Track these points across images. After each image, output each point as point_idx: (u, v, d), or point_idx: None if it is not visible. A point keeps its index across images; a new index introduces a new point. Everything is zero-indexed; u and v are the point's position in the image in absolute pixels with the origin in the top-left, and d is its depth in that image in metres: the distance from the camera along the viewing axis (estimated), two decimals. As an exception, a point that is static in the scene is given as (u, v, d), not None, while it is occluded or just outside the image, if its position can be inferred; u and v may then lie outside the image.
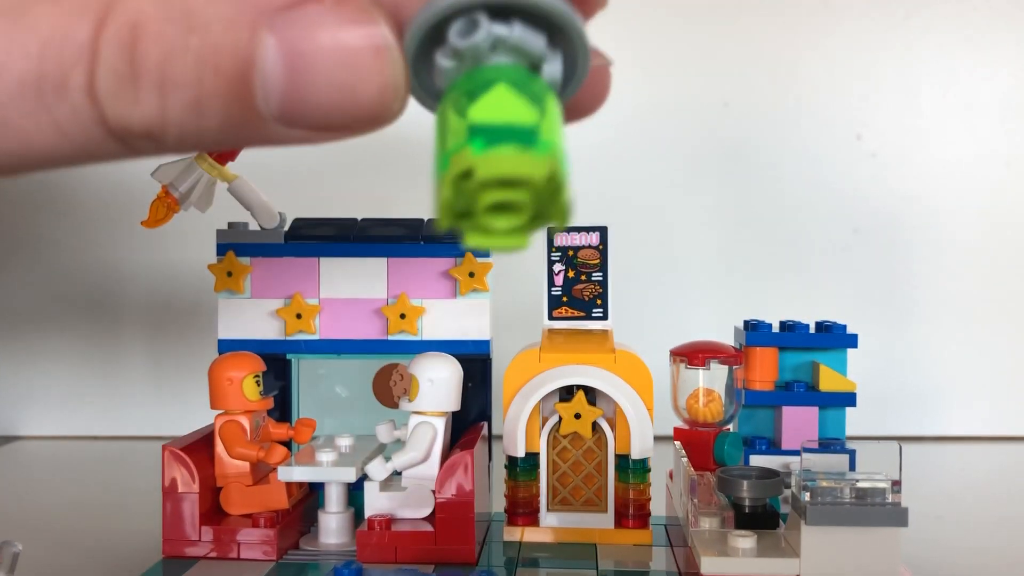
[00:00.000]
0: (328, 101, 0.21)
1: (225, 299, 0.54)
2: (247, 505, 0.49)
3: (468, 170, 0.20)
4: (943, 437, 0.85)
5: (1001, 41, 0.84)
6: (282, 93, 0.21)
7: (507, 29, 0.21)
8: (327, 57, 0.20)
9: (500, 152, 0.19)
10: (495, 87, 0.20)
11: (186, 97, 0.21)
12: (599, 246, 0.52)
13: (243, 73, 0.21)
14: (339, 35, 0.20)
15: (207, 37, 0.20)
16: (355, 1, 0.21)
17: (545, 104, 0.21)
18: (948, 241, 0.85)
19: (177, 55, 0.21)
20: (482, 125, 0.20)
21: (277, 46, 0.20)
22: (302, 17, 0.20)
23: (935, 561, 0.51)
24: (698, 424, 0.51)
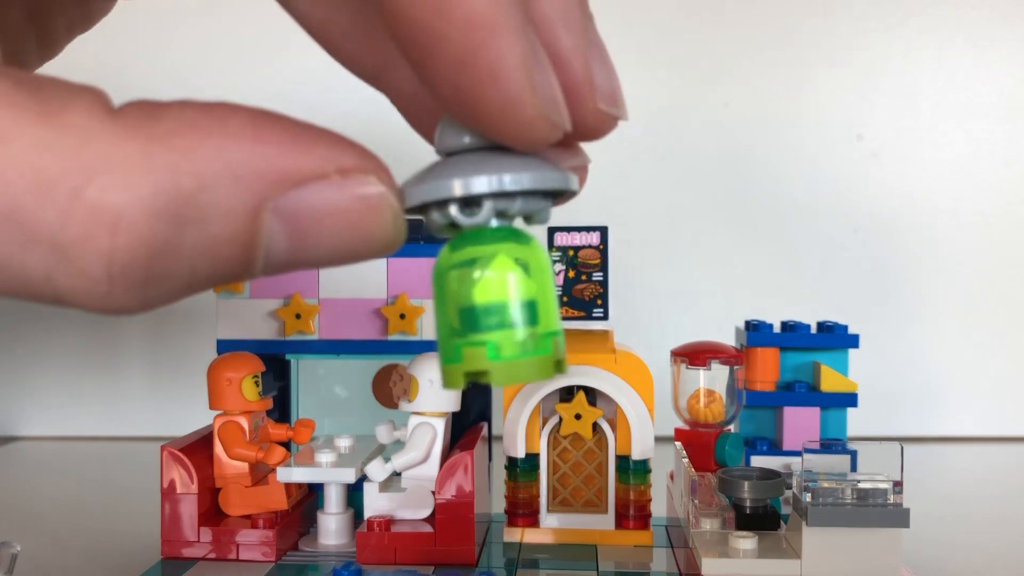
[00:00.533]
0: (330, 254, 0.21)
1: (224, 299, 0.54)
2: (246, 506, 0.48)
3: (481, 372, 0.22)
4: (945, 437, 0.85)
5: (1001, 41, 0.84)
6: (285, 260, 0.20)
7: (508, 204, 0.22)
8: (331, 225, 0.20)
9: (514, 361, 0.22)
10: (494, 261, 0.22)
11: (174, 286, 0.19)
12: (599, 246, 0.52)
13: (244, 255, 0.20)
14: (346, 212, 0.20)
15: (204, 230, 0.19)
16: (358, 165, 0.20)
17: (537, 267, 0.23)
18: (949, 241, 0.85)
19: (169, 252, 0.18)
20: (487, 306, 0.22)
21: (283, 227, 0.20)
22: (307, 195, 0.20)
23: (937, 562, 0.51)
24: (699, 425, 0.51)
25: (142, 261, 0.18)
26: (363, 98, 0.37)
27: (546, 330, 0.23)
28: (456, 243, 0.23)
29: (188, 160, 0.18)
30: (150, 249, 0.18)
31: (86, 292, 0.18)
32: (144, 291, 0.19)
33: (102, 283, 0.18)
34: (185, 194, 0.18)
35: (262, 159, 0.19)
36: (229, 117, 0.19)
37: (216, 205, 0.19)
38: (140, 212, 0.18)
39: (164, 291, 0.19)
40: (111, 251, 0.18)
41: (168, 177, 0.18)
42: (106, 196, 0.18)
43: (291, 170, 0.19)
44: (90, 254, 0.18)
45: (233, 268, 0.20)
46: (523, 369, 0.22)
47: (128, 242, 0.18)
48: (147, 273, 0.19)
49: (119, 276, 0.18)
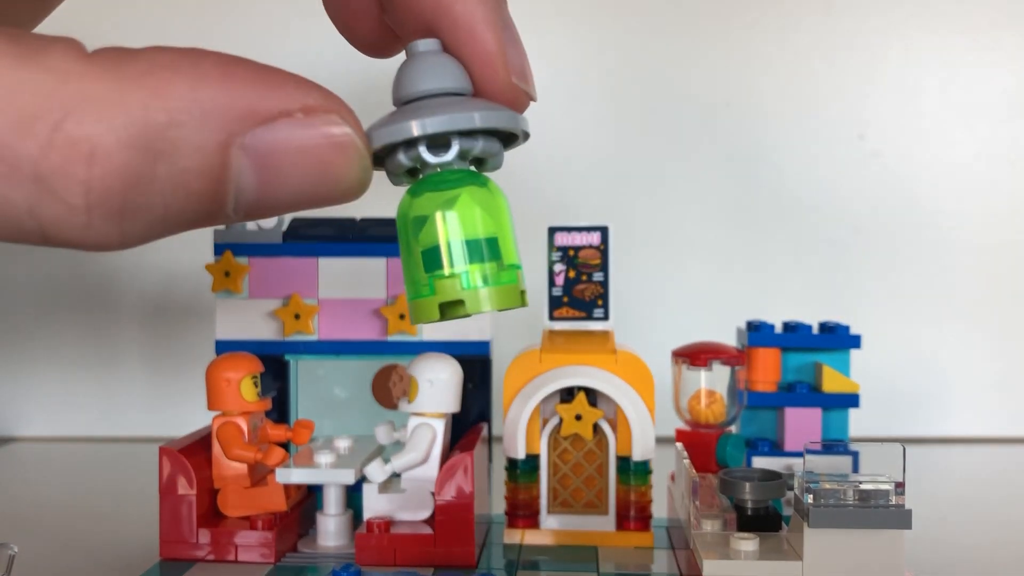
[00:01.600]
0: (297, 195, 0.22)
1: (223, 299, 0.54)
2: (245, 507, 0.48)
3: (454, 302, 0.24)
4: (947, 439, 0.85)
5: (1003, 39, 0.83)
6: (254, 199, 0.21)
7: (472, 143, 0.24)
8: (298, 163, 0.21)
9: (485, 289, 0.24)
10: (459, 201, 0.24)
11: (149, 218, 0.20)
12: (600, 246, 0.52)
13: (214, 190, 0.21)
14: (312, 149, 0.21)
15: (176, 162, 0.20)
16: (323, 104, 0.21)
17: (497, 206, 0.25)
18: (951, 241, 0.84)
19: (143, 184, 0.20)
20: (454, 242, 0.24)
21: (251, 164, 0.21)
22: (273, 132, 0.21)
23: (939, 563, 0.51)
24: (700, 425, 0.51)
25: (118, 190, 0.19)
26: (355, 87, 0.37)
27: (509, 263, 0.25)
28: (418, 187, 0.25)
29: (159, 97, 0.20)
30: (124, 179, 0.19)
31: (67, 222, 0.19)
32: (121, 223, 0.20)
33: (81, 212, 0.19)
34: (156, 127, 0.19)
35: (229, 96, 0.20)
36: (200, 59, 0.20)
37: (186, 139, 0.20)
38: (114, 143, 0.19)
39: (140, 224, 0.20)
40: (88, 179, 0.19)
41: (140, 112, 0.19)
42: (82, 128, 0.19)
43: (257, 107, 0.21)
44: (69, 182, 0.19)
45: (205, 204, 0.21)
46: (492, 297, 0.24)
47: (103, 171, 0.19)
48: (123, 203, 0.20)
49: (97, 205, 0.19)
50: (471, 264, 0.24)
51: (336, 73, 0.83)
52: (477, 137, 0.24)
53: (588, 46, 0.83)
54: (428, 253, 0.24)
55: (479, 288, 0.24)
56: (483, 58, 0.25)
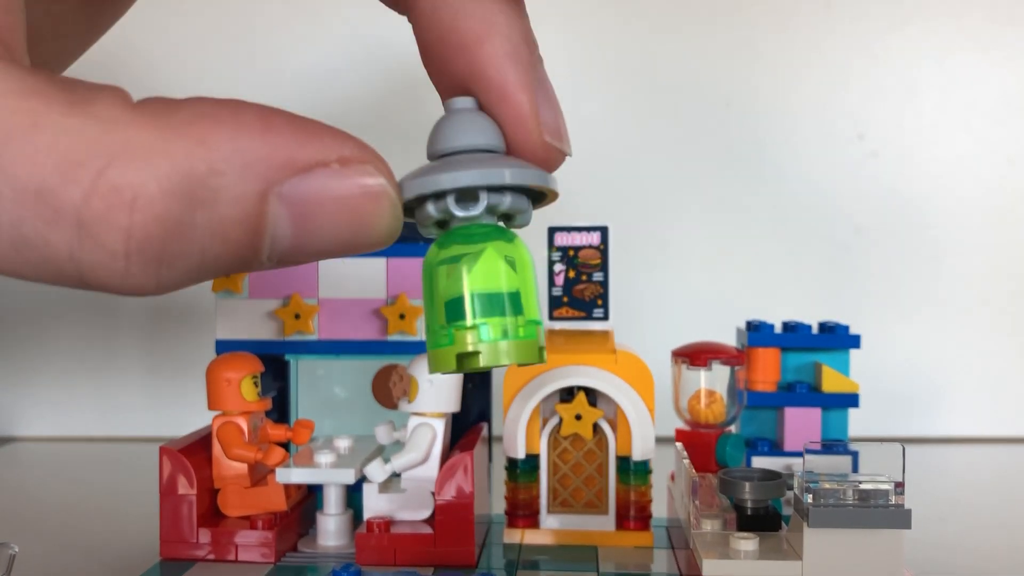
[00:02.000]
0: (331, 243, 0.22)
1: (223, 299, 0.54)
2: (245, 507, 0.48)
3: (470, 354, 0.24)
4: (947, 438, 0.85)
5: (1002, 39, 0.83)
6: (289, 247, 0.22)
7: (499, 199, 0.25)
8: (333, 213, 0.22)
9: (503, 343, 0.24)
10: (484, 254, 0.24)
11: (186, 266, 0.21)
12: (600, 246, 0.52)
13: (251, 239, 0.21)
14: (348, 199, 0.22)
15: (215, 211, 0.20)
16: (358, 156, 0.22)
17: (521, 262, 0.25)
18: (951, 240, 0.84)
19: (182, 232, 0.20)
20: (477, 294, 0.24)
21: (287, 213, 0.21)
22: (310, 182, 0.21)
23: (938, 563, 0.51)
24: (700, 425, 0.51)
25: (157, 238, 0.20)
26: (362, 95, 0.37)
27: (530, 318, 0.25)
28: (445, 239, 0.25)
29: (202, 147, 0.20)
30: (164, 226, 0.20)
31: (106, 268, 0.20)
32: (159, 269, 0.20)
33: (120, 258, 0.20)
34: (198, 177, 0.20)
35: (270, 147, 0.21)
36: (241, 110, 0.21)
37: (226, 188, 0.20)
38: (156, 191, 0.19)
39: (177, 272, 0.21)
40: (129, 227, 0.19)
41: (183, 161, 0.20)
42: (125, 176, 0.19)
43: (296, 158, 0.21)
44: (110, 229, 0.19)
45: (241, 252, 0.21)
46: (510, 351, 0.24)
47: (144, 219, 0.19)
48: (162, 250, 0.20)
49: (136, 252, 0.20)
50: (491, 317, 0.24)
51: (339, 81, 0.83)
52: (505, 193, 0.24)
53: (588, 46, 0.83)
54: (450, 304, 0.24)
55: (498, 341, 0.24)
56: (516, 119, 0.26)
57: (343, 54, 0.83)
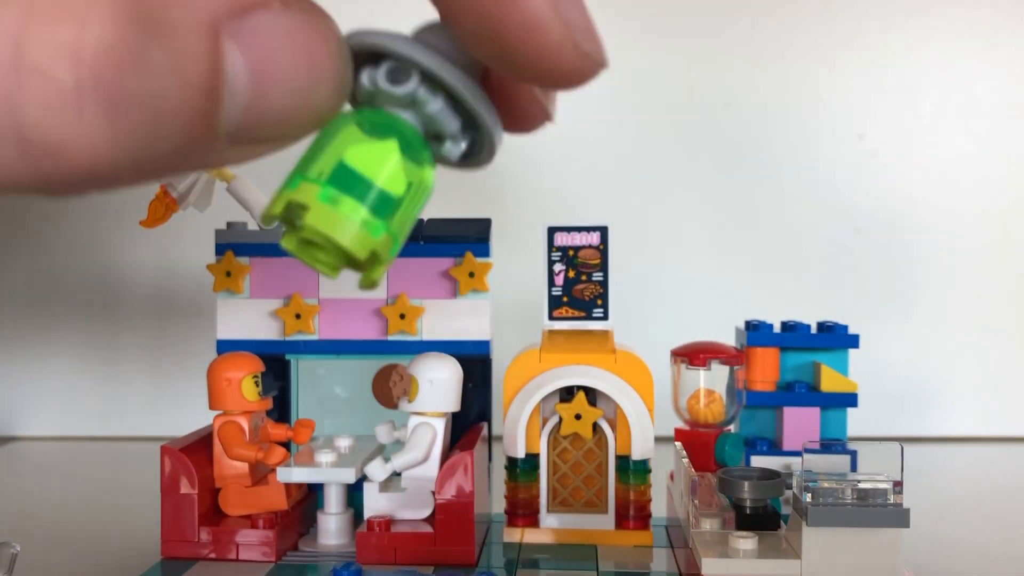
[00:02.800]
0: (289, 107, 0.19)
1: (224, 299, 0.54)
2: (246, 506, 0.48)
3: (302, 205, 0.20)
4: (945, 438, 0.85)
5: (1002, 40, 0.84)
6: (247, 104, 0.19)
7: (429, 97, 0.22)
8: (291, 60, 0.19)
9: (339, 213, 0.20)
10: (388, 141, 0.21)
11: (142, 117, 0.17)
12: (599, 246, 0.52)
13: (210, 85, 0.18)
14: (298, 37, 0.19)
15: (172, 44, 0.17)
16: (298, 1, 0.19)
17: (418, 179, 0.22)
18: (950, 241, 0.84)
19: (138, 66, 0.17)
20: (352, 169, 0.21)
21: (241, 54, 0.18)
22: (258, 22, 0.19)
23: (937, 562, 0.51)
24: (699, 425, 0.51)
25: (112, 67, 0.17)
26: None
27: (390, 229, 0.21)
28: (362, 110, 0.22)
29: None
30: (119, 55, 0.17)
31: (53, 112, 0.17)
32: (115, 116, 0.17)
33: (70, 92, 0.16)
34: (149, 4, 0.17)
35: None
36: None
37: (177, 18, 0.17)
38: (108, 13, 0.17)
39: (133, 123, 0.17)
40: (78, 49, 0.16)
41: None
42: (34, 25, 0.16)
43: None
44: (56, 50, 0.16)
45: (201, 102, 0.18)
46: (339, 226, 0.20)
47: (97, 41, 0.16)
48: (118, 86, 0.17)
49: (89, 86, 0.17)
50: (346, 193, 0.21)
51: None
52: (439, 95, 0.22)
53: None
54: (313, 158, 0.21)
55: (331, 209, 0.20)
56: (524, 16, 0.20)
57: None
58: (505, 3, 0.19)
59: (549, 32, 0.20)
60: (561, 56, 0.20)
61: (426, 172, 0.22)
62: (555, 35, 0.20)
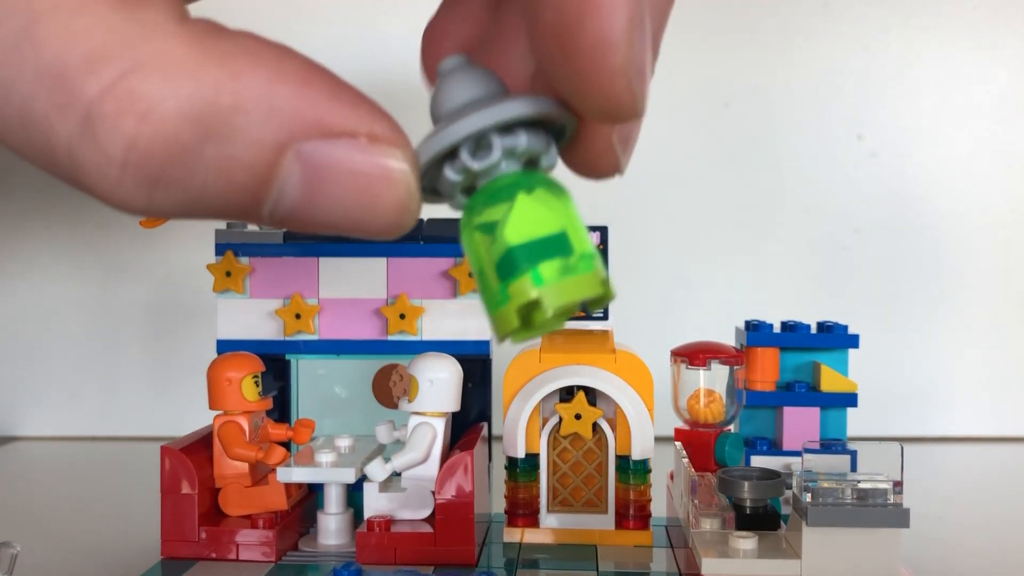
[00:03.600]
0: (336, 217, 0.21)
1: (224, 299, 0.54)
2: (246, 506, 0.48)
3: (535, 301, 0.22)
4: (945, 438, 0.85)
5: (1001, 41, 0.84)
6: (293, 208, 0.21)
7: (515, 140, 0.22)
8: (346, 186, 0.21)
9: (561, 282, 0.22)
10: (517, 202, 0.22)
11: (182, 196, 0.20)
12: (599, 246, 0.52)
13: (257, 187, 0.20)
14: (362, 170, 0.21)
15: (227, 149, 0.19)
16: (388, 136, 0.21)
17: (559, 201, 0.23)
18: (949, 241, 0.85)
19: (186, 159, 0.19)
20: (521, 245, 0.22)
21: (300, 172, 0.20)
22: (332, 148, 0.20)
23: (936, 562, 0.51)
24: (699, 425, 0.51)
25: (159, 156, 0.19)
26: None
27: (583, 251, 0.22)
28: (474, 200, 0.23)
29: (234, 80, 0.19)
30: (170, 147, 0.19)
31: (99, 173, 0.19)
32: (152, 189, 0.19)
33: (115, 166, 0.19)
34: (220, 109, 0.19)
35: (303, 101, 0.20)
36: (285, 57, 0.20)
37: (245, 129, 0.19)
38: (172, 109, 0.19)
39: (171, 197, 0.20)
40: (135, 136, 0.19)
41: (209, 88, 0.19)
42: (146, 85, 0.19)
43: (325, 120, 0.20)
44: (115, 132, 0.19)
45: (243, 199, 0.20)
46: (572, 287, 0.22)
47: (152, 132, 0.19)
48: (160, 172, 0.19)
49: (133, 165, 0.19)
50: (542, 261, 0.22)
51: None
52: (519, 132, 0.22)
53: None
54: (499, 264, 0.22)
55: (556, 282, 0.22)
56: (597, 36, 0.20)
57: (341, 54, 0.83)
58: (589, 9, 0.20)
59: (615, 56, 0.20)
60: (614, 84, 0.21)
61: (559, 187, 0.23)
62: (619, 61, 0.20)
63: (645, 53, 0.21)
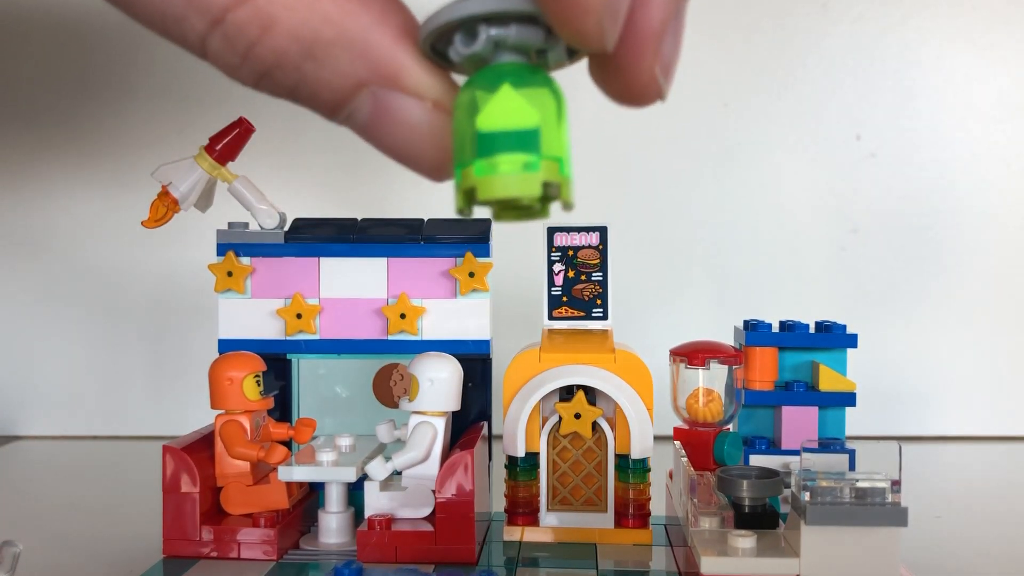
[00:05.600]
0: (392, 150, 0.25)
1: (225, 299, 0.54)
2: (247, 505, 0.49)
3: (471, 189, 0.23)
4: (943, 437, 0.85)
5: (999, 41, 0.84)
6: (361, 127, 0.25)
7: (505, 31, 0.23)
8: (401, 136, 0.24)
9: (497, 175, 0.23)
10: (499, 90, 0.23)
11: (280, 91, 0.24)
12: (599, 246, 0.52)
13: (333, 104, 0.24)
14: (419, 129, 0.24)
15: (319, 71, 0.23)
16: (445, 106, 0.24)
17: (545, 99, 0.24)
18: (948, 241, 0.85)
19: (287, 69, 0.23)
20: (488, 133, 0.23)
21: (372, 108, 0.24)
22: (400, 101, 0.24)
23: (935, 561, 0.51)
24: (698, 424, 0.51)
25: (268, 61, 0.23)
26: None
27: (548, 154, 0.23)
28: (473, 78, 0.24)
29: (342, 18, 0.23)
30: (278, 57, 0.23)
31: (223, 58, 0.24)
32: (259, 79, 0.24)
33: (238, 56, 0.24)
34: (323, 39, 0.23)
35: (391, 51, 0.23)
36: (390, 8, 0.24)
37: (338, 60, 0.23)
38: (284, 29, 0.23)
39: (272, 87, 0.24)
40: (254, 41, 0.23)
41: (320, 20, 0.23)
42: (271, 5, 0.23)
43: (404, 75, 0.24)
44: (240, 35, 0.23)
45: (322, 107, 0.25)
46: (502, 186, 0.23)
47: (267, 41, 0.23)
48: (267, 69, 0.24)
49: (249, 60, 0.23)
50: (501, 154, 0.23)
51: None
52: (510, 24, 0.23)
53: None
54: (469, 143, 0.23)
55: (492, 175, 0.23)
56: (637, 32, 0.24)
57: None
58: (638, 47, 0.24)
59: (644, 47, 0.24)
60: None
61: (550, 87, 0.24)
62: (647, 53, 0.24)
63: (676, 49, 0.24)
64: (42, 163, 0.86)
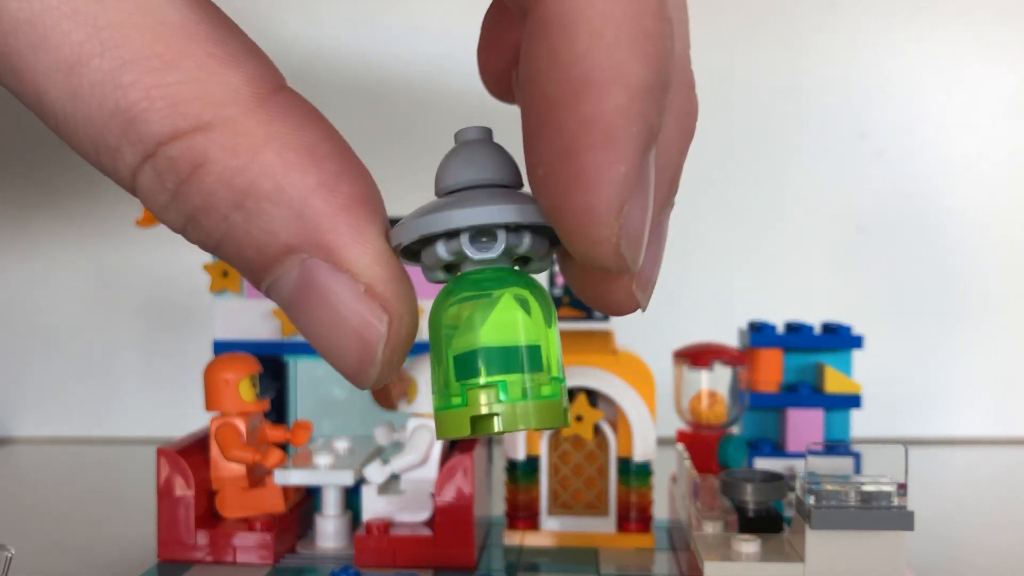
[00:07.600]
0: (310, 335, 0.22)
1: (221, 299, 0.54)
2: (243, 508, 0.48)
3: (489, 416, 0.21)
4: (949, 439, 0.84)
5: (1006, 38, 0.83)
6: (282, 300, 0.22)
7: (518, 240, 0.22)
8: (325, 318, 0.21)
9: (524, 404, 0.21)
10: (502, 301, 0.22)
11: (205, 240, 0.22)
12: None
13: (258, 266, 0.22)
14: (345, 314, 0.21)
15: (247, 224, 0.21)
16: (381, 296, 0.21)
17: (542, 311, 0.22)
18: (955, 241, 0.84)
19: (213, 215, 0.21)
20: (492, 348, 0.21)
21: (298, 278, 0.21)
22: (330, 278, 0.21)
23: (941, 565, 0.50)
24: (701, 426, 0.51)
25: (195, 203, 0.21)
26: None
27: (552, 376, 0.22)
28: (455, 285, 0.22)
29: (283, 174, 0.21)
30: (205, 200, 0.21)
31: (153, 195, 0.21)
32: (186, 223, 0.22)
33: (167, 194, 0.21)
34: (258, 191, 0.21)
35: (330, 222, 0.21)
36: (345, 170, 0.21)
37: (270, 218, 0.21)
38: (217, 173, 0.21)
39: (197, 236, 0.22)
40: (184, 180, 0.21)
41: (258, 171, 0.21)
42: (208, 146, 0.21)
43: (341, 251, 0.21)
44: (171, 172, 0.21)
45: (244, 267, 0.22)
46: (531, 414, 0.21)
47: (196, 183, 0.21)
48: (194, 213, 0.21)
49: (177, 199, 0.21)
50: (509, 374, 0.21)
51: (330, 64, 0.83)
52: (524, 233, 0.22)
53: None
54: (461, 359, 0.21)
55: (516, 402, 0.21)
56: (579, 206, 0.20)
57: (339, 51, 0.83)
58: (577, 186, 0.19)
59: (600, 228, 0.20)
60: (599, 249, 0.20)
61: (539, 293, 0.22)
62: (603, 233, 0.20)
63: (642, 217, 0.20)
64: (37, 162, 0.85)
